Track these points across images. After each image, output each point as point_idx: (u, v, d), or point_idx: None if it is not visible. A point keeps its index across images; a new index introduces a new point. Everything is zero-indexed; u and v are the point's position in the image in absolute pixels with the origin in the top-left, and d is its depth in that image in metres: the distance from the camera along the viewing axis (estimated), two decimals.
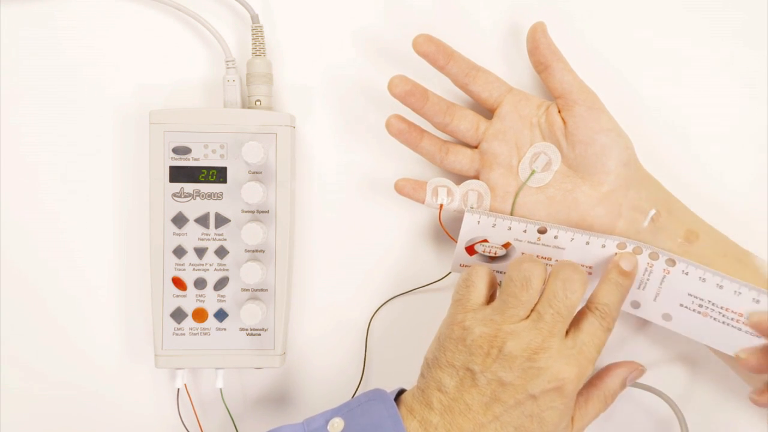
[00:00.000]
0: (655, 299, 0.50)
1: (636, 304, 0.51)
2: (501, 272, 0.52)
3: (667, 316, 0.50)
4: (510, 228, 0.51)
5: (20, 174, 0.56)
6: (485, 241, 0.51)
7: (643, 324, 0.55)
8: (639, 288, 0.50)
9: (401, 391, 0.50)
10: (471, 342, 0.46)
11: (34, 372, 0.57)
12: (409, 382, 0.50)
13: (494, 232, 0.51)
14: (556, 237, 0.50)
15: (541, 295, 0.47)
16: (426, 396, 0.47)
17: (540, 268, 0.47)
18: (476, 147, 0.53)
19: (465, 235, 0.51)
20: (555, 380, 0.45)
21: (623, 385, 0.50)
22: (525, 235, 0.51)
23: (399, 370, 0.54)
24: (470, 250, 0.52)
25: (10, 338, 0.56)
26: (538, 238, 0.51)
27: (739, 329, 0.48)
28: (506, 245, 0.51)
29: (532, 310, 0.47)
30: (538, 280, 0.46)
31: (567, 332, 0.47)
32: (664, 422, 0.55)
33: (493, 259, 0.52)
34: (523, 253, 0.51)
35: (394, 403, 0.47)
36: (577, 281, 0.46)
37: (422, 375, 0.49)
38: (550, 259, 0.51)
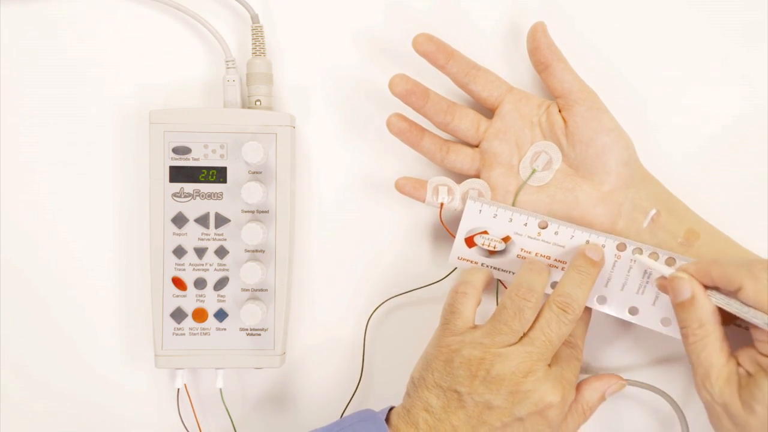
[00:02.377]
0: (654, 303, 0.50)
1: (634, 310, 0.50)
2: (497, 269, 0.52)
3: (666, 321, 0.50)
4: (511, 220, 0.51)
5: (20, 174, 0.56)
6: (485, 233, 0.51)
7: None
8: (637, 292, 0.50)
9: (391, 409, 0.50)
10: (459, 364, 0.46)
11: (33, 372, 0.56)
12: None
13: (495, 223, 0.51)
14: (556, 233, 0.50)
15: (534, 321, 0.47)
16: (412, 416, 0.47)
17: (535, 299, 0.47)
18: (477, 146, 0.53)
19: (465, 225, 0.51)
20: (541, 403, 0.46)
21: (602, 399, 0.51)
22: (525, 229, 0.50)
23: (398, 371, 0.53)
24: (469, 242, 0.52)
25: (9, 338, 0.56)
26: (539, 233, 0.50)
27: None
28: (506, 239, 0.51)
29: (522, 335, 0.47)
30: (531, 312, 0.47)
31: None
32: (665, 421, 0.55)
33: (492, 253, 0.52)
34: (525, 261, 0.51)
35: (385, 425, 0.47)
36: (571, 313, 0.47)
37: (408, 394, 0.49)
38: (549, 258, 0.51)
